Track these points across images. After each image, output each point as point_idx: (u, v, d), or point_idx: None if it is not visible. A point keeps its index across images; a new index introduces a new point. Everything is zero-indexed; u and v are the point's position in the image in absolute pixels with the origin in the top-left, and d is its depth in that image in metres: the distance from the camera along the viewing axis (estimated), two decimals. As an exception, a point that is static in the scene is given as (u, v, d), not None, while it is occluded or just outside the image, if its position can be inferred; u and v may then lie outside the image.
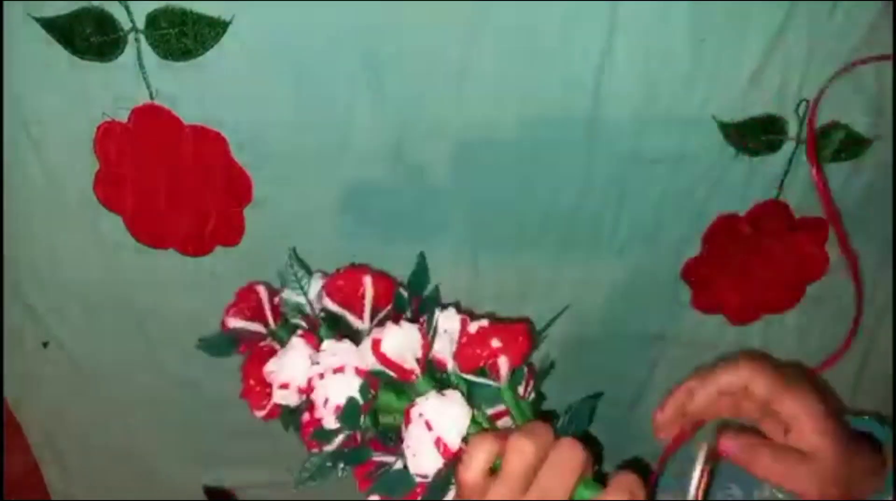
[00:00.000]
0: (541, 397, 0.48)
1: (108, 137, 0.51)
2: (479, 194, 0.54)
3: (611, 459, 0.67)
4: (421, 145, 0.51)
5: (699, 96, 0.49)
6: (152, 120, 0.50)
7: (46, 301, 0.60)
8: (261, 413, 0.49)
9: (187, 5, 0.46)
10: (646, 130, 0.51)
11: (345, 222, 0.54)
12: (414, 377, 0.43)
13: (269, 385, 0.46)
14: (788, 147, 0.52)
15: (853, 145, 0.53)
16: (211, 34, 0.46)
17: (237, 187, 0.53)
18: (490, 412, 0.44)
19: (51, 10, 0.46)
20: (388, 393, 0.44)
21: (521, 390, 0.45)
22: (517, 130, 0.51)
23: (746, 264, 0.58)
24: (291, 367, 0.45)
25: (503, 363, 0.43)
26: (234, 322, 0.50)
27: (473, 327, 0.44)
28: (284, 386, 0.45)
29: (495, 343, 0.43)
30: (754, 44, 0.48)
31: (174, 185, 0.53)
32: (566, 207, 0.54)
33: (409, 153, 0.51)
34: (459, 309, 0.46)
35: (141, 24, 0.46)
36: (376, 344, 0.42)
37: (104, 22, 0.46)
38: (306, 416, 0.45)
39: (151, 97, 0.49)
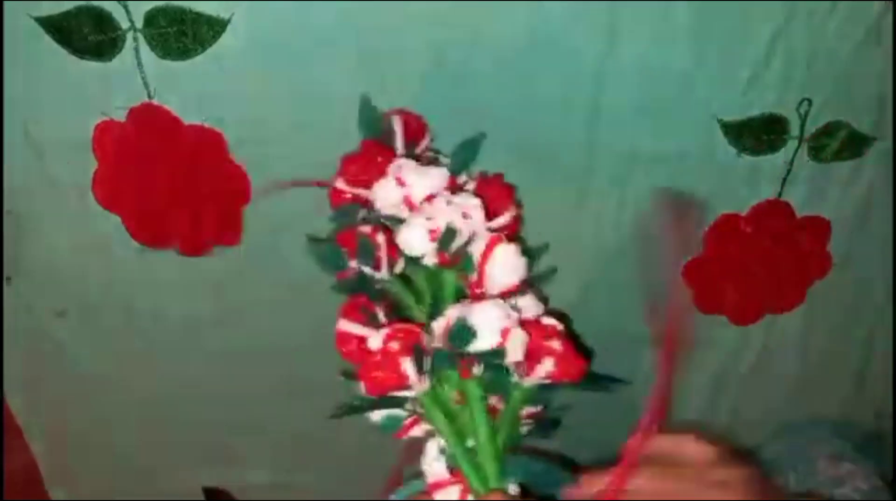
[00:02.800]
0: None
1: (106, 136, 0.51)
2: (478, 193, 0.53)
3: (611, 459, 0.67)
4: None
5: (699, 96, 0.49)
6: (151, 119, 0.50)
7: (46, 301, 0.59)
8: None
9: (186, 4, 0.45)
10: (646, 130, 0.51)
11: (344, 222, 0.54)
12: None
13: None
14: (790, 147, 0.52)
15: (854, 145, 0.52)
16: (209, 33, 0.46)
17: (236, 187, 0.52)
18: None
19: (49, 10, 0.46)
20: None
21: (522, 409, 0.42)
22: (517, 129, 0.50)
23: (748, 263, 0.58)
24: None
25: (546, 366, 0.39)
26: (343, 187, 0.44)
27: (533, 308, 0.41)
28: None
29: (554, 345, 0.40)
30: (755, 44, 0.47)
31: (173, 184, 0.53)
32: (566, 206, 0.54)
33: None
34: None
35: (139, 23, 0.46)
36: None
37: (102, 21, 0.46)
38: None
39: (150, 96, 0.49)
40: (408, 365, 0.38)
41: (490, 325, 0.38)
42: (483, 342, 0.38)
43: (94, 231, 0.55)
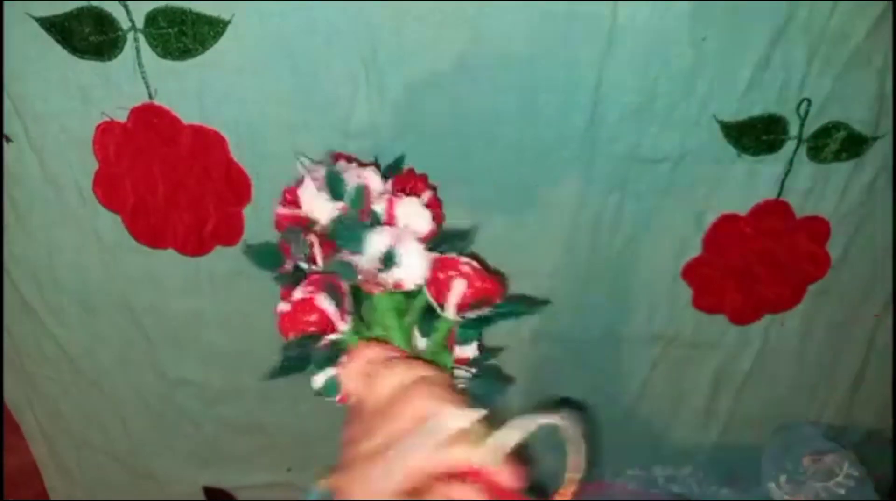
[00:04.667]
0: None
1: (107, 136, 0.51)
2: (479, 193, 0.53)
3: (611, 459, 0.67)
4: (421, 145, 0.51)
5: (699, 96, 0.49)
6: (151, 119, 0.50)
7: (46, 301, 0.59)
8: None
9: (186, 4, 0.46)
10: (646, 129, 0.51)
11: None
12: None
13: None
14: (789, 147, 0.52)
15: (854, 145, 0.52)
16: (210, 33, 0.46)
17: (236, 187, 0.53)
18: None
19: (50, 10, 0.46)
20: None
21: (462, 351, 0.42)
22: (517, 130, 0.50)
23: (747, 263, 0.58)
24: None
25: (458, 288, 0.39)
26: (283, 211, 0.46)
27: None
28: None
29: (466, 269, 0.40)
30: (755, 43, 0.47)
31: (173, 184, 0.53)
32: (566, 206, 0.54)
33: (409, 153, 0.51)
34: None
35: (140, 24, 0.46)
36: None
37: (103, 21, 0.46)
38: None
39: (150, 97, 0.49)
40: (322, 299, 0.39)
41: (381, 233, 0.40)
42: (374, 245, 0.40)
43: (94, 231, 0.55)
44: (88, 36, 0.46)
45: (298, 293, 0.40)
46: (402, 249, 0.40)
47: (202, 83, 0.48)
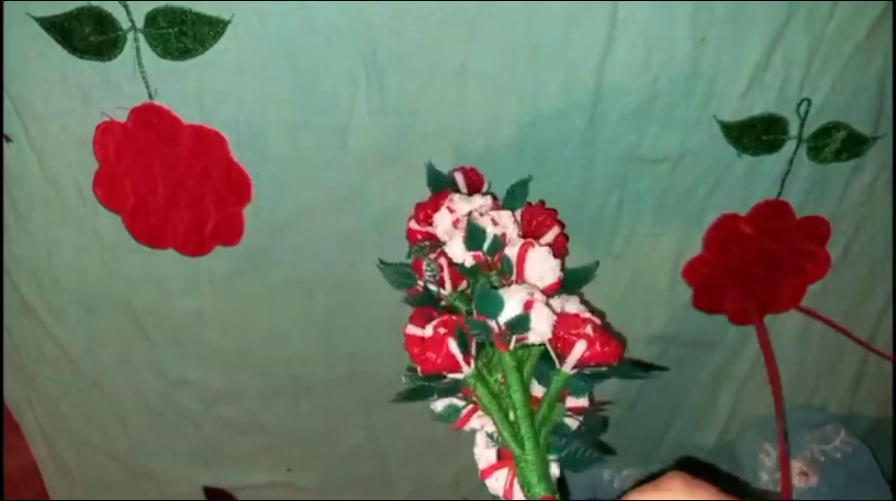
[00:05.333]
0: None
1: (107, 136, 0.51)
2: (478, 193, 0.54)
3: (611, 459, 0.67)
4: (421, 145, 0.51)
5: (699, 96, 0.49)
6: (151, 119, 0.50)
7: (46, 301, 0.59)
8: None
9: (186, 4, 0.46)
10: (646, 130, 0.51)
11: (345, 222, 0.54)
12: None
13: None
14: (789, 147, 0.52)
15: (854, 145, 0.52)
16: (210, 33, 0.46)
17: (236, 187, 0.53)
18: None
19: (50, 10, 0.46)
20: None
21: (574, 401, 0.44)
22: (517, 130, 0.51)
23: (747, 264, 0.58)
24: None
25: (579, 349, 0.41)
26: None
27: (574, 308, 0.44)
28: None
29: (588, 330, 0.42)
30: (755, 43, 0.47)
31: (173, 184, 0.53)
32: (566, 206, 0.54)
33: (409, 153, 0.51)
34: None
35: (140, 24, 0.46)
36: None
37: (103, 21, 0.46)
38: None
39: (150, 97, 0.49)
40: (452, 344, 0.41)
41: (514, 296, 0.42)
42: (509, 311, 0.41)
43: (94, 231, 0.55)
44: (88, 36, 0.46)
45: (430, 330, 0.42)
46: (533, 314, 0.41)
47: (202, 83, 0.48)
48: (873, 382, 0.66)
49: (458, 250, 0.46)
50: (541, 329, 0.42)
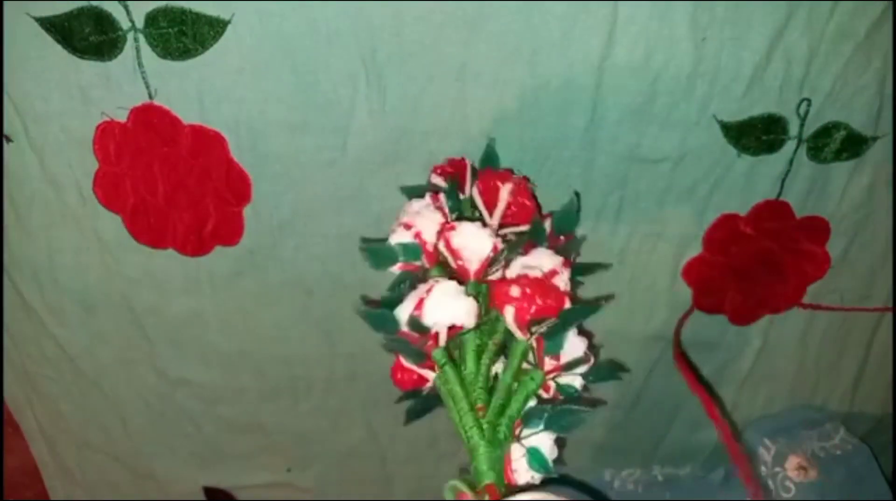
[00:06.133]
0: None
1: (107, 136, 0.51)
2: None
3: (611, 459, 0.67)
4: (421, 145, 0.51)
5: (699, 96, 0.49)
6: (151, 120, 0.50)
7: (46, 301, 0.59)
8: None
9: (186, 4, 0.46)
10: (646, 130, 0.51)
11: (345, 222, 0.54)
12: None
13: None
14: (789, 147, 0.52)
15: (854, 145, 0.52)
16: (210, 33, 0.46)
17: (236, 187, 0.53)
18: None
19: (50, 10, 0.46)
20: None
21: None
22: (517, 130, 0.51)
23: (747, 264, 0.58)
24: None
25: (508, 316, 0.42)
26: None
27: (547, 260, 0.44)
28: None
29: (514, 293, 0.42)
30: (755, 43, 0.47)
31: (173, 184, 0.53)
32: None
33: (409, 153, 0.51)
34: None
35: (140, 24, 0.46)
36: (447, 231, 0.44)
37: (103, 21, 0.46)
38: None
39: (150, 97, 0.49)
40: (408, 364, 0.42)
41: (407, 302, 0.42)
42: (403, 321, 0.42)
43: (94, 231, 0.55)
44: (88, 36, 0.46)
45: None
46: (425, 311, 0.42)
47: (202, 83, 0.48)
48: (873, 382, 0.66)
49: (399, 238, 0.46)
50: (439, 316, 0.42)
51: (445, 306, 0.42)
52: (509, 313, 0.42)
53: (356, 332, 0.60)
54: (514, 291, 0.42)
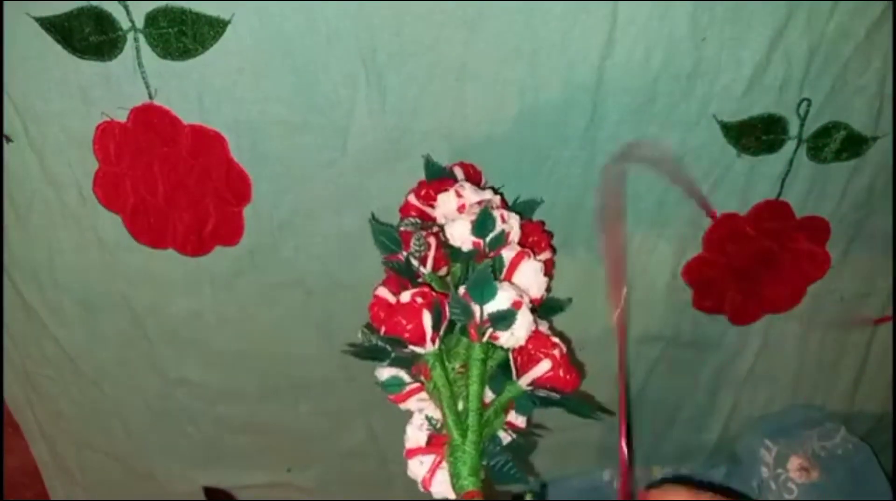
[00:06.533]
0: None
1: (107, 136, 0.51)
2: (478, 193, 0.54)
3: (611, 459, 0.67)
4: (421, 145, 0.51)
5: (699, 96, 0.49)
6: (151, 119, 0.50)
7: (46, 301, 0.59)
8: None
9: (186, 5, 0.45)
10: (646, 130, 0.51)
11: (345, 222, 0.54)
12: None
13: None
14: (789, 147, 0.52)
15: (854, 145, 0.53)
16: (210, 33, 0.46)
17: (236, 187, 0.53)
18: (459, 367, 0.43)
19: (50, 10, 0.46)
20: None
21: (515, 418, 0.44)
22: (517, 129, 0.51)
23: (747, 264, 0.58)
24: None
25: (543, 367, 0.42)
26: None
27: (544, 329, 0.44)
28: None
29: (555, 353, 0.42)
30: (755, 43, 0.47)
31: (173, 184, 0.53)
32: (566, 207, 0.54)
33: (409, 153, 0.51)
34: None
35: (140, 24, 0.46)
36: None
37: (103, 21, 0.46)
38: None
39: (150, 97, 0.49)
40: (426, 318, 0.41)
41: (507, 292, 0.42)
42: (498, 303, 0.41)
43: (95, 231, 0.55)
44: (88, 36, 0.46)
45: (406, 297, 0.42)
46: (520, 316, 0.42)
47: (202, 83, 0.48)
48: (873, 382, 0.66)
49: (459, 233, 0.46)
50: (518, 334, 0.42)
51: (529, 330, 0.42)
52: (544, 365, 0.42)
53: (356, 332, 0.60)
54: (556, 352, 0.42)
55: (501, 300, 0.41)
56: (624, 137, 0.51)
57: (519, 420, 0.44)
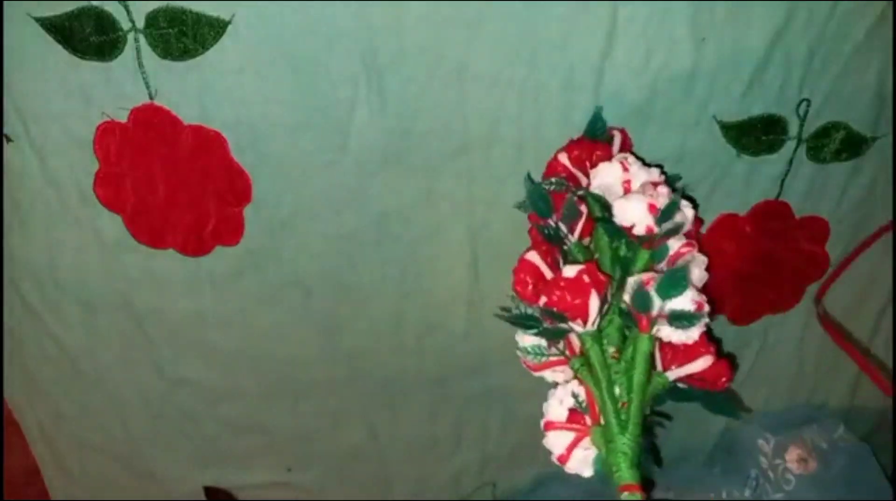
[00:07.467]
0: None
1: (107, 136, 0.51)
2: (479, 193, 0.53)
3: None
4: (421, 146, 0.51)
5: (699, 96, 0.49)
6: (152, 120, 0.50)
7: (46, 301, 0.59)
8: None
9: (187, 5, 0.46)
10: (646, 130, 0.51)
11: (345, 222, 0.54)
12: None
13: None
14: (789, 147, 0.52)
15: (854, 145, 0.53)
16: (210, 34, 0.46)
17: (236, 187, 0.53)
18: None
19: (50, 10, 0.46)
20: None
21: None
22: (517, 130, 0.51)
23: (747, 264, 0.58)
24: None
25: (701, 363, 0.42)
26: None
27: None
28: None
29: (712, 348, 0.42)
30: (755, 43, 0.48)
31: (174, 184, 0.53)
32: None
33: (409, 154, 0.51)
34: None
35: (140, 24, 0.46)
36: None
37: (103, 21, 0.46)
38: None
39: (151, 97, 0.49)
40: (594, 298, 0.40)
41: (692, 293, 0.41)
42: (682, 302, 0.41)
43: (95, 231, 0.55)
44: (89, 36, 0.46)
45: (572, 272, 0.41)
46: (700, 318, 0.41)
47: (202, 83, 0.48)
48: (872, 385, 0.66)
49: (633, 213, 0.44)
50: (693, 334, 0.41)
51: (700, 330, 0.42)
52: (703, 361, 0.42)
53: (356, 332, 0.60)
54: (713, 347, 0.42)
55: (686, 301, 0.41)
56: (624, 138, 0.51)
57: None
